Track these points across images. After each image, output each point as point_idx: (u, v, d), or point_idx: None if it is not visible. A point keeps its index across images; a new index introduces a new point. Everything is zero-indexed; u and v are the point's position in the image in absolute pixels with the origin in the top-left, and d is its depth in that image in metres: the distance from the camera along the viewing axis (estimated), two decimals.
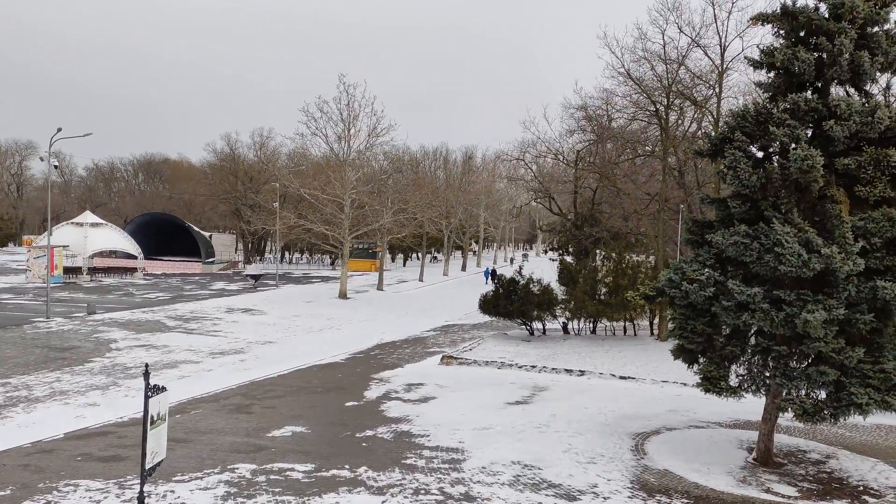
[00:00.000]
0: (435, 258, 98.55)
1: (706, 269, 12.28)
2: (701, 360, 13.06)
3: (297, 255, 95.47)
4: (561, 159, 43.22)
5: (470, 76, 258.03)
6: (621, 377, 21.06)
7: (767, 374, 12.43)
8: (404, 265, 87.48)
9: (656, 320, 28.69)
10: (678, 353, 13.37)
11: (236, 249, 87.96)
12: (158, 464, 9.22)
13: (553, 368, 22.11)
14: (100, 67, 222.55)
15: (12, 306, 36.66)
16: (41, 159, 45.47)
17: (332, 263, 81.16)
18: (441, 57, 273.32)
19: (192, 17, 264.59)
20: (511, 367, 22.58)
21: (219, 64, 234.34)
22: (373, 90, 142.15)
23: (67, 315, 33.28)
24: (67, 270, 54.72)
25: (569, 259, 39.13)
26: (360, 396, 18.81)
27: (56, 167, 42.75)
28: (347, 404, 17.89)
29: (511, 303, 28.05)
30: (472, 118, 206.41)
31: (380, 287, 53.81)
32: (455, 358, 23.72)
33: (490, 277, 32.70)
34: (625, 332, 29.63)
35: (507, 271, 33.23)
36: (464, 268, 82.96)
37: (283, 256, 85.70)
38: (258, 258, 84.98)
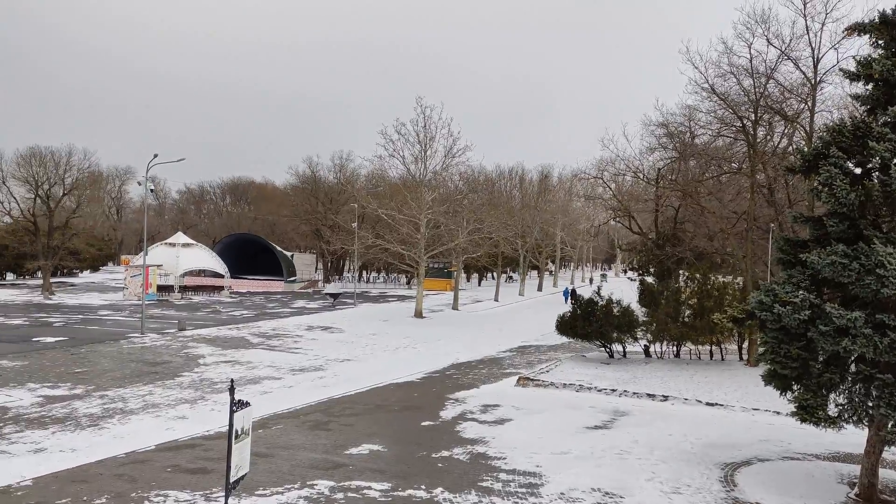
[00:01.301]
0: (510, 278, 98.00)
1: (800, 291, 11.68)
2: (795, 387, 12.38)
3: (374, 274, 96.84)
4: (641, 177, 42.38)
5: (546, 96, 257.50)
6: (707, 403, 20.25)
7: (871, 404, 11.65)
8: (479, 285, 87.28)
9: (745, 344, 27.53)
10: (770, 378, 12.73)
11: (316, 268, 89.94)
12: (242, 477, 9.40)
13: (634, 393, 21.49)
14: (195, 99, 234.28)
15: (111, 322, 38.54)
16: (139, 184, 47.91)
17: (408, 282, 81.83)
18: (512, 79, 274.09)
19: (281, 53, 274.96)
20: (590, 391, 22.06)
21: (305, 91, 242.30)
22: (450, 111, 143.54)
23: (160, 331, 34.73)
24: (161, 288, 57.23)
25: (650, 280, 38.14)
26: (436, 416, 18.76)
27: (152, 191, 44.94)
28: (423, 424, 17.87)
29: (589, 324, 27.51)
30: (549, 138, 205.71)
31: (455, 306, 53.84)
32: (532, 380, 23.39)
33: (570, 297, 32.14)
34: (711, 356, 28.55)
35: (586, 291, 32.61)
36: (540, 288, 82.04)
37: (360, 275, 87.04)
38: (337, 277, 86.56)
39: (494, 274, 76.67)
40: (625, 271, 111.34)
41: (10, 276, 74.11)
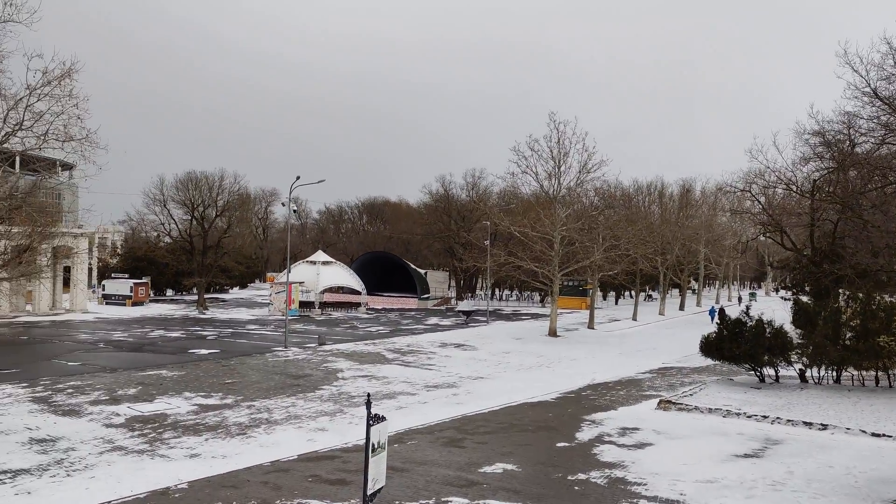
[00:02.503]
0: (650, 296, 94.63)
1: None
2: None
3: (506, 291, 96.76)
4: (794, 189, 39.60)
5: (688, 106, 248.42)
6: (874, 434, 18.35)
7: None
8: (616, 303, 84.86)
9: None
10: None
11: (449, 286, 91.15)
12: (378, 490, 9.47)
13: (788, 420, 19.88)
14: (332, 123, 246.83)
15: (257, 336, 40.84)
16: (283, 204, 50.78)
17: (542, 301, 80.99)
18: (656, 91, 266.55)
19: (405, 80, 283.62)
20: (738, 417, 20.66)
21: (432, 112, 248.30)
22: (583, 125, 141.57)
23: (302, 345, 36.37)
24: (302, 304, 60.13)
25: (805, 299, 35.38)
26: (572, 438, 18.24)
27: (295, 211, 47.34)
28: (558, 445, 17.42)
29: (738, 345, 25.81)
30: (690, 150, 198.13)
31: (591, 325, 52.59)
32: (674, 403, 22.24)
33: (716, 317, 30.41)
34: (877, 382, 25.97)
35: (734, 311, 30.77)
36: (682, 307, 78.48)
37: (493, 293, 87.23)
38: (470, 295, 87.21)
39: (632, 292, 74.32)
40: (776, 290, 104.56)
41: (169, 292, 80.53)
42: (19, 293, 52.42)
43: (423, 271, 79.56)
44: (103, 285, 67.52)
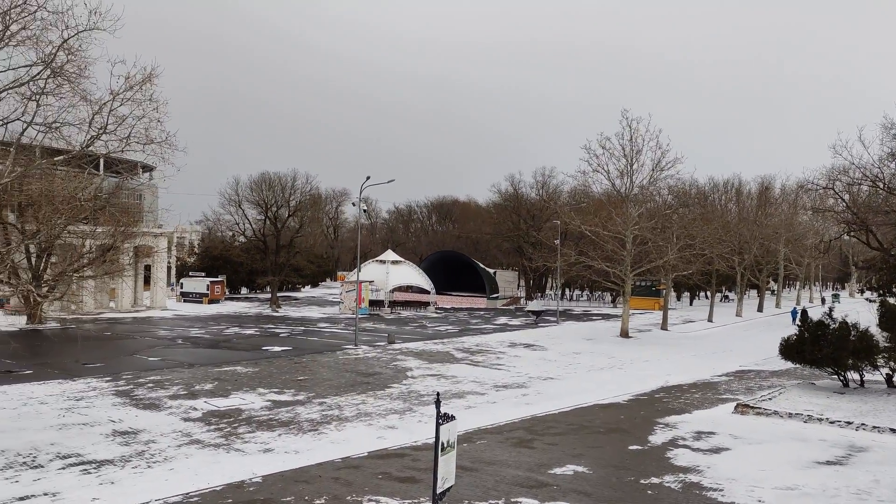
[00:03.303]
0: (726, 297, 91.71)
1: None
2: None
3: (577, 291, 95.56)
4: (881, 186, 37.63)
5: (767, 101, 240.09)
6: None
7: None
8: (691, 304, 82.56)
9: None
10: None
11: (518, 286, 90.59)
12: (448, 489, 9.46)
13: (875, 427, 18.91)
14: (400, 124, 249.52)
15: (328, 334, 41.59)
16: (353, 204, 51.51)
17: (613, 301, 79.62)
18: (738, 88, 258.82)
19: (472, 85, 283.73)
20: (820, 422, 19.78)
21: (500, 114, 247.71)
22: (657, 123, 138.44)
23: (371, 343, 36.82)
24: (372, 303, 60.89)
25: (893, 301, 33.60)
26: (644, 441, 17.83)
27: (365, 211, 48.01)
28: (630, 448, 17.06)
29: (819, 348, 24.70)
30: (770, 147, 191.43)
31: (664, 326, 51.36)
32: (752, 407, 21.47)
33: (798, 318, 29.20)
34: None
35: (816, 312, 29.50)
36: (760, 308, 75.66)
37: (563, 293, 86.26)
38: (539, 294, 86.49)
39: (708, 293, 72.23)
40: (861, 291, 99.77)
41: (244, 290, 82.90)
42: (103, 290, 54.98)
43: (491, 271, 79.33)
44: (181, 283, 70.11)
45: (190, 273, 72.03)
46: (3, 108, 16.91)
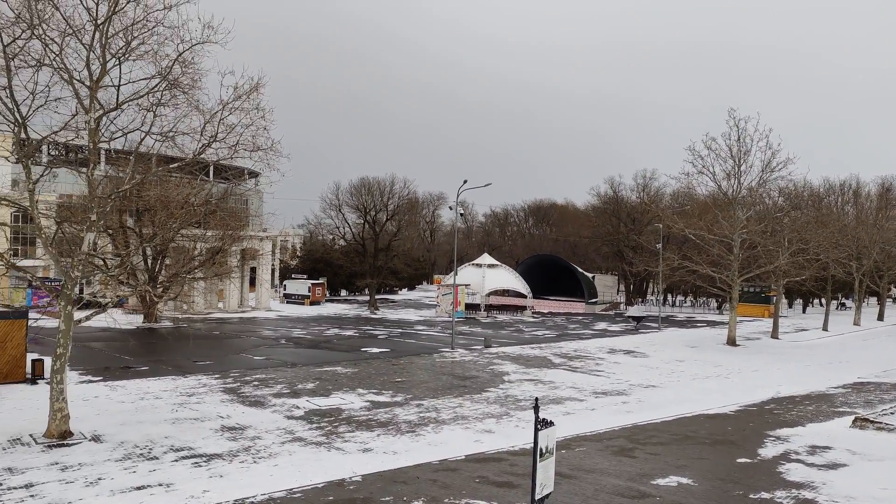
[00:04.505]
0: (842, 305, 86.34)
1: None
2: None
3: (680, 297, 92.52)
4: None
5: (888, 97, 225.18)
6: None
7: None
8: (804, 312, 78.17)
9: None
10: None
11: (618, 290, 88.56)
12: (547, 496, 9.28)
13: None
14: (495, 128, 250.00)
15: (425, 337, 41.98)
16: (450, 208, 51.85)
17: (719, 307, 76.51)
18: (843, 84, 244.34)
19: (568, 90, 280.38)
20: None
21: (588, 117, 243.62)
22: (767, 122, 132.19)
23: (468, 347, 36.86)
24: (468, 307, 61.05)
25: None
26: (753, 454, 16.95)
27: (461, 215, 48.21)
28: (738, 460, 16.26)
29: None
30: (888, 147, 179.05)
31: (774, 335, 48.82)
32: (872, 421, 20.02)
33: None
34: None
35: None
36: (881, 317, 70.71)
37: (665, 299, 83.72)
38: (640, 300, 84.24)
39: (823, 300, 68.21)
40: None
41: (343, 292, 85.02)
42: (213, 291, 57.74)
43: (590, 275, 77.94)
44: (284, 285, 72.68)
45: (292, 275, 74.56)
46: (124, 119, 17.98)
